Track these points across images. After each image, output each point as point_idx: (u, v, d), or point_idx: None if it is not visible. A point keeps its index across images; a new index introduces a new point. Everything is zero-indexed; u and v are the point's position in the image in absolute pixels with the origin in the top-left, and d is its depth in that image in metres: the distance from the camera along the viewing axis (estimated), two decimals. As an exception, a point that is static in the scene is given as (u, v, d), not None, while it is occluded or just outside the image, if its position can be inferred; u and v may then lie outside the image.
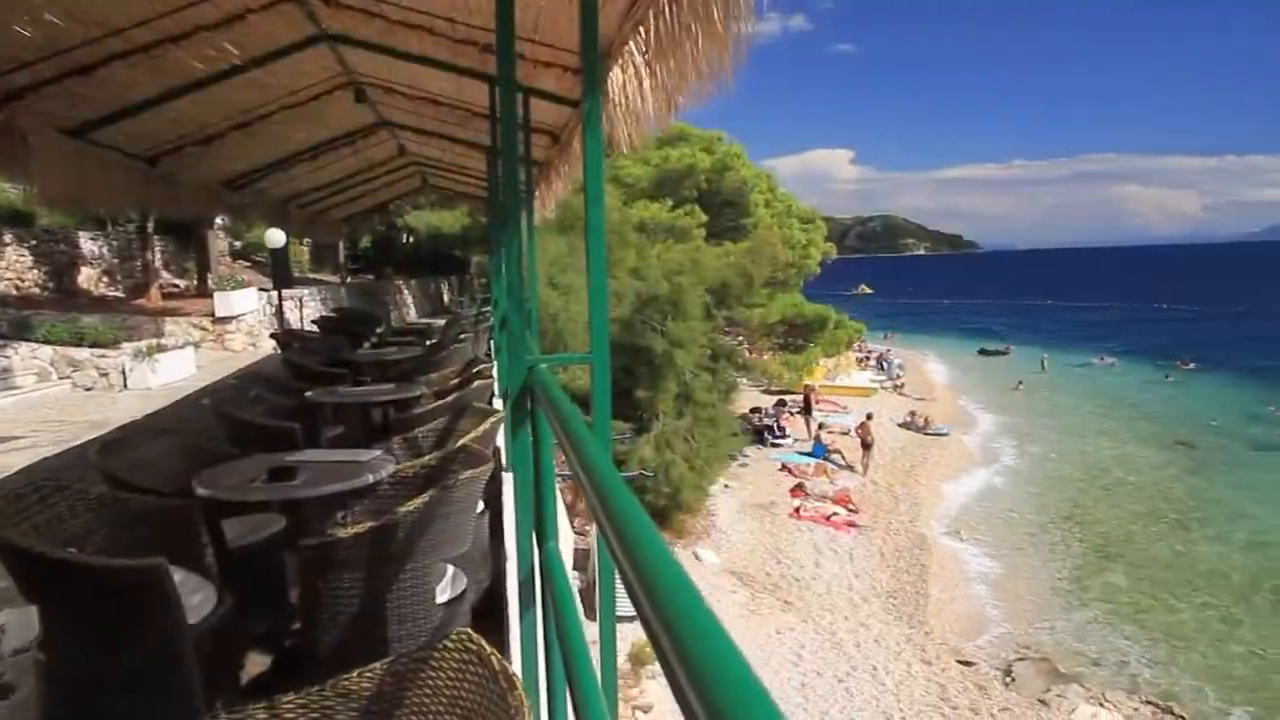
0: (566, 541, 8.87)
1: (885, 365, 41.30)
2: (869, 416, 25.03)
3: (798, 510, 20.17)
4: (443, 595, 2.88)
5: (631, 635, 12.71)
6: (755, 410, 27.76)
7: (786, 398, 28.96)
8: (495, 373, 6.32)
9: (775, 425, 26.55)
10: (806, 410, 27.23)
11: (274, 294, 14.71)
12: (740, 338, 25.85)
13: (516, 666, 2.46)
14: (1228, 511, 21.68)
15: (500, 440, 3.90)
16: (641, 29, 3.22)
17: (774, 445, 25.63)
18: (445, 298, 29.01)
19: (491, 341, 9.58)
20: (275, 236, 13.36)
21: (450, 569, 3.07)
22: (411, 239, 28.20)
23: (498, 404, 5.49)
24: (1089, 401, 36.36)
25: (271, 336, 12.32)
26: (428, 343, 10.23)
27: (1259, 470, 25.29)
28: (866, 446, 23.88)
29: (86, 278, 15.27)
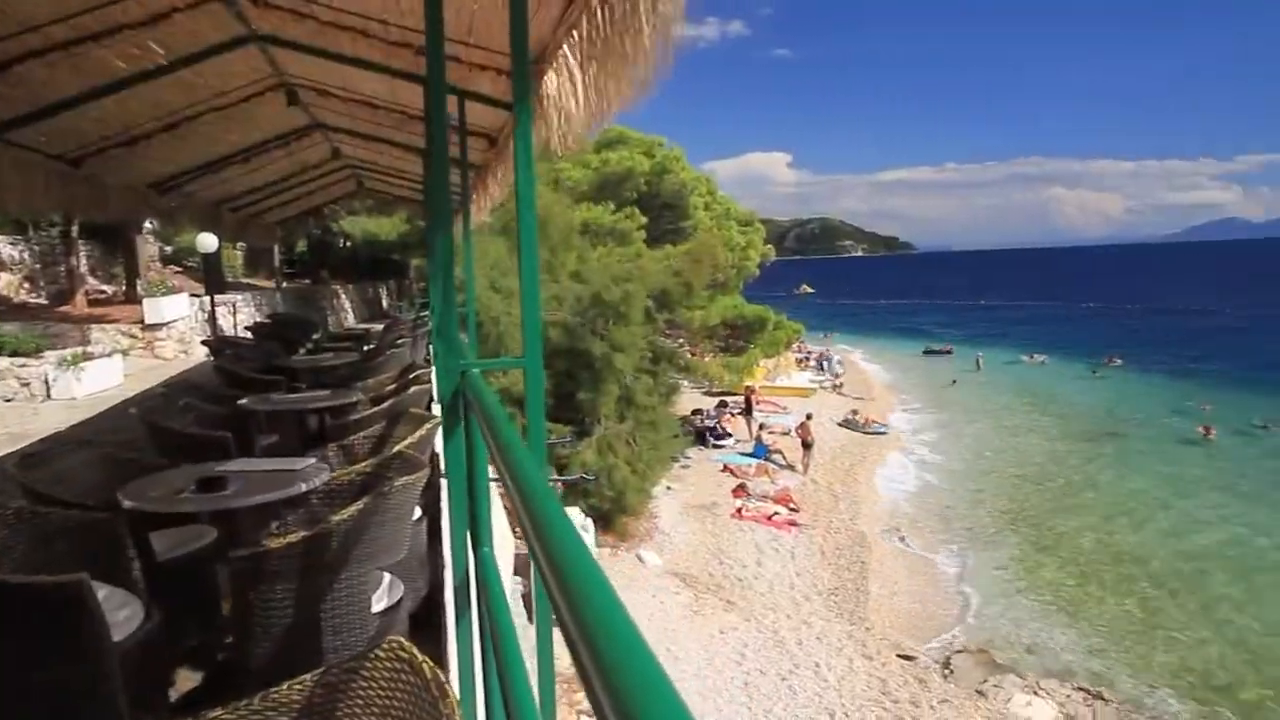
0: (507, 546, 8.82)
1: (824, 365, 41.84)
2: (809, 416, 25.33)
3: (740, 510, 20.31)
4: (379, 603, 2.84)
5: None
6: (697, 412, 27.91)
7: (727, 399, 29.16)
8: (434, 378, 6.27)
9: (717, 426, 26.72)
10: (747, 411, 27.45)
11: (206, 300, 14.36)
12: (681, 340, 25.97)
13: (454, 674, 2.45)
14: (1151, 503, 22.45)
15: (439, 445, 3.87)
16: (575, 32, 3.22)
17: (715, 446, 25.78)
18: (384, 303, 28.64)
19: (430, 346, 9.49)
20: (207, 241, 13.05)
21: (387, 577, 3.04)
22: (349, 244, 27.79)
23: (436, 409, 5.44)
24: (1022, 398, 37.31)
25: (204, 343, 12.03)
26: (365, 348, 10.11)
27: (1179, 463, 26.24)
28: (807, 446, 24.17)
29: (6, 284, 14.76)
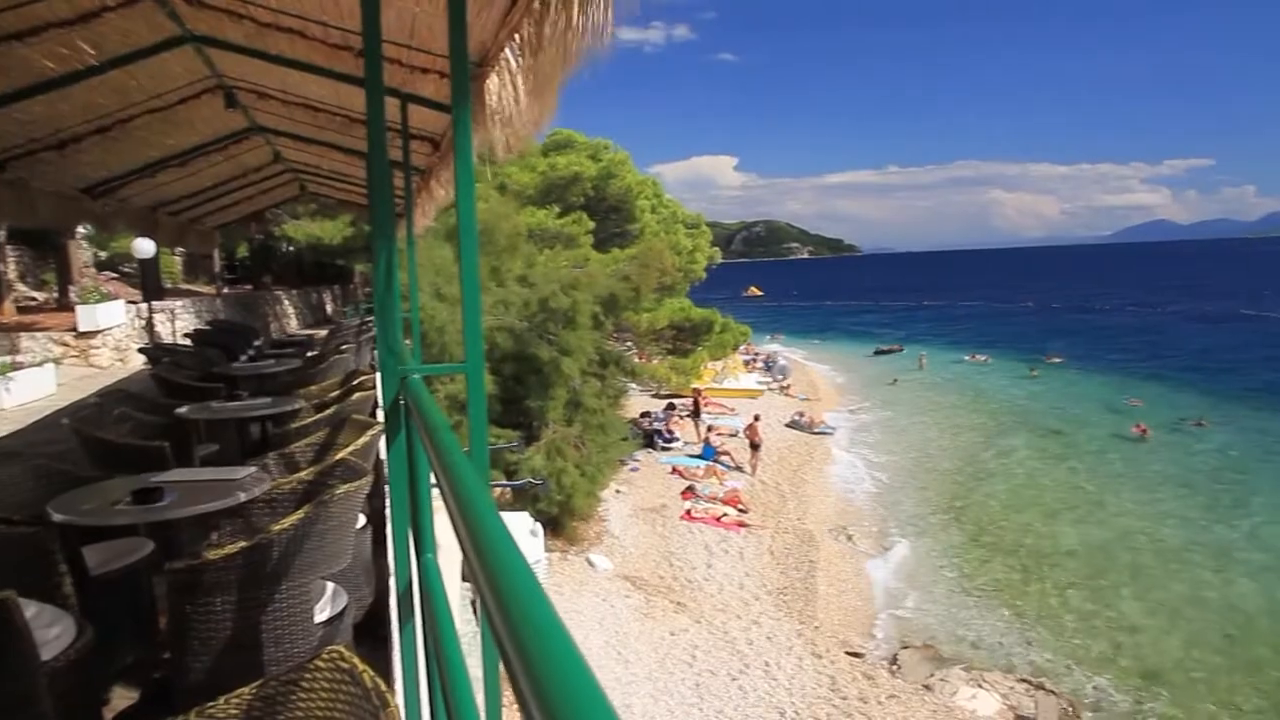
0: (455, 552, 8.74)
1: (771, 367, 42.15)
2: (756, 418, 25.50)
3: (689, 512, 20.37)
4: (322, 613, 2.80)
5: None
6: (645, 414, 27.93)
7: (676, 401, 29.25)
8: (379, 384, 6.19)
9: (665, 429, 26.78)
10: (695, 413, 27.55)
11: (143, 306, 14.01)
12: (629, 343, 25.99)
13: (399, 683, 2.42)
14: (1089, 497, 23.04)
15: (384, 452, 3.82)
16: (517, 36, 3.21)
17: (664, 449, 25.83)
18: (328, 308, 28.21)
19: (375, 352, 9.37)
20: (143, 246, 12.73)
21: (330, 586, 2.99)
22: (292, 248, 27.30)
23: (381, 416, 5.37)
24: (964, 397, 37.99)
25: (140, 351, 11.72)
26: (309, 355, 9.94)
27: (1116, 460, 26.97)
28: (755, 447, 24.33)
29: (-71, 292, 14.23)
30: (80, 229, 15.59)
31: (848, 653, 14.40)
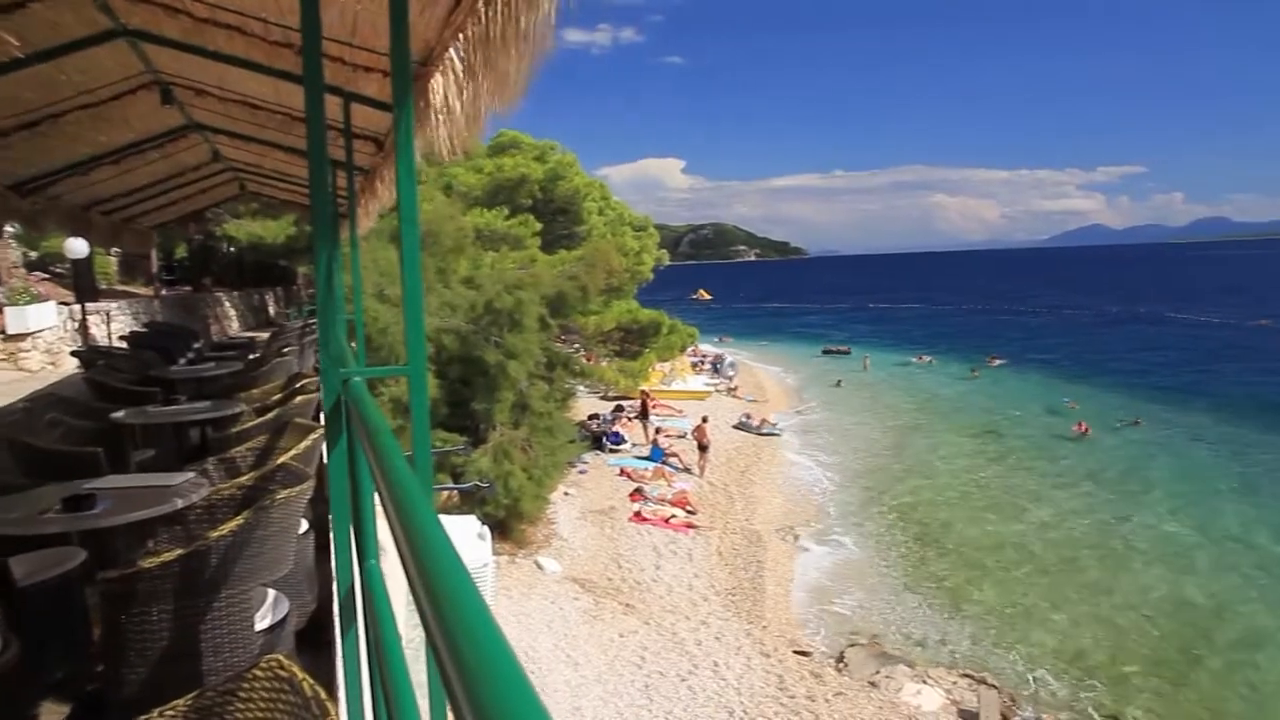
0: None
1: (719, 368, 42.36)
2: (704, 419, 25.59)
3: (637, 514, 20.38)
4: (263, 621, 2.74)
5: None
6: (593, 417, 27.90)
7: (624, 403, 29.24)
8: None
9: (613, 431, 26.77)
10: (643, 415, 27.57)
11: (76, 308, 13.59)
12: (576, 345, 25.94)
13: (342, 691, 2.38)
14: (1029, 495, 23.61)
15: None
16: (461, 35, 3.18)
17: (612, 451, 25.81)
18: (271, 310, 27.68)
19: (318, 354, 9.22)
20: (76, 246, 12.36)
21: (271, 593, 2.94)
22: (233, 249, 26.72)
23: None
24: (908, 397, 38.64)
25: (73, 354, 11.37)
26: (250, 357, 9.75)
27: (1055, 458, 27.71)
28: (703, 449, 24.41)
29: None
30: (8, 228, 15.07)
31: (795, 651, 14.53)
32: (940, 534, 20.65)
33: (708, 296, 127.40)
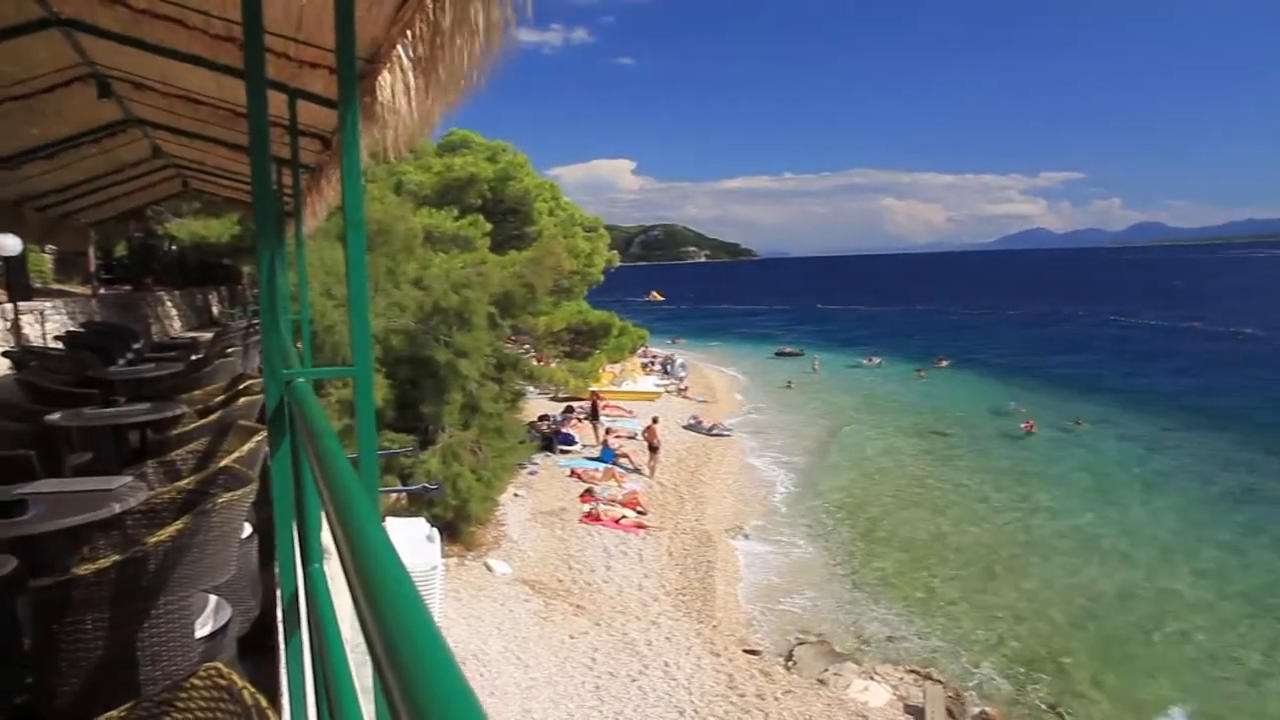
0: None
1: (669, 369, 42.49)
2: (655, 420, 25.66)
3: (588, 515, 20.37)
4: (204, 628, 2.69)
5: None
6: (543, 418, 27.82)
7: (574, 404, 29.19)
8: (265, 388, 5.97)
9: (563, 432, 26.72)
10: (594, 416, 27.57)
11: (8, 307, 13.18)
12: (527, 346, 25.82)
13: (287, 698, 2.34)
14: (975, 494, 24.11)
15: (272, 459, 3.69)
16: (409, 31, 3.15)
17: (563, 452, 25.76)
18: (215, 310, 27.10)
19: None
20: (8, 243, 11.96)
21: (213, 599, 2.87)
22: (175, 248, 26.10)
23: (267, 421, 5.18)
24: (857, 398, 39.20)
25: (4, 355, 11.03)
26: (193, 358, 9.53)
27: (998, 458, 28.34)
28: (653, 449, 24.47)
29: None
30: (-65, 224, 14.59)
31: (745, 650, 14.62)
32: (888, 533, 20.98)
33: (660, 297, 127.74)
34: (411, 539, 13.96)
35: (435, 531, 14.41)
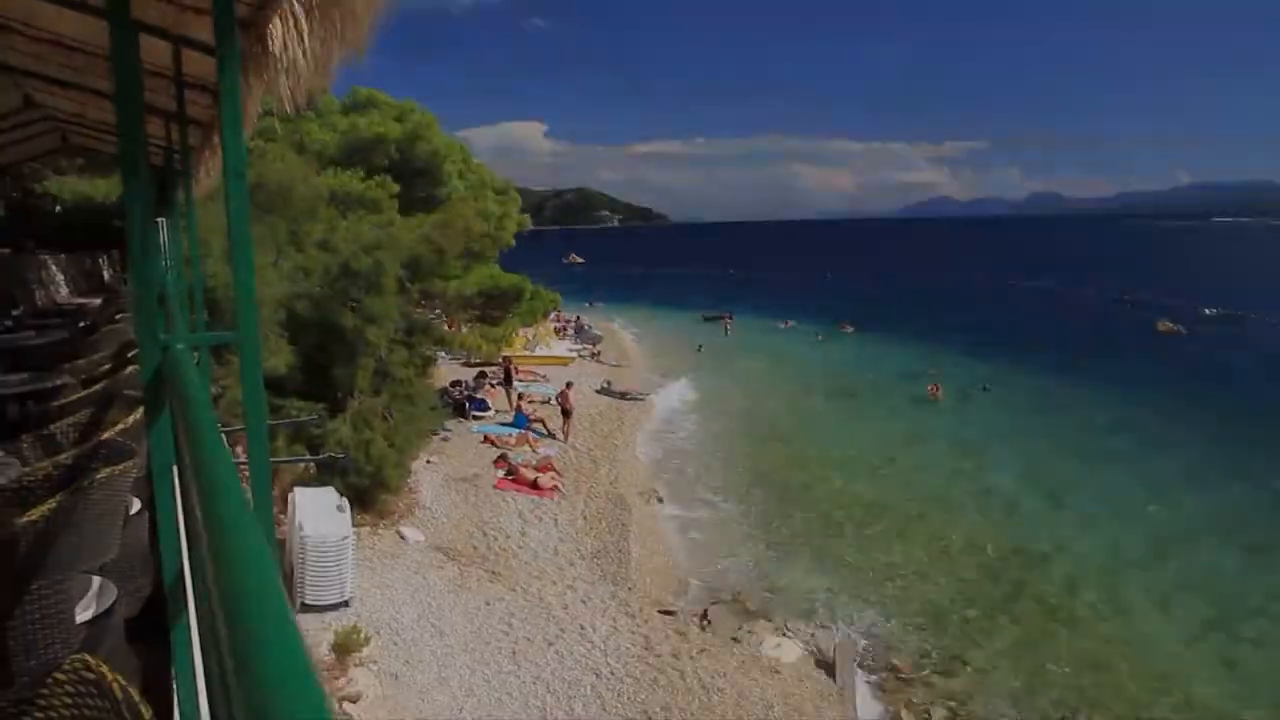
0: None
1: (582, 334, 42.39)
2: (568, 385, 25.59)
3: (502, 480, 20.24)
4: (85, 612, 2.53)
5: (335, 624, 12.20)
6: (456, 384, 27.46)
7: (486, 369, 28.89)
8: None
9: (476, 398, 26.44)
10: (506, 381, 27.32)
11: None
12: (437, 311, 25.35)
13: (175, 680, 2.22)
14: (881, 455, 24.84)
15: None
16: (301, -24, 2.96)
17: (476, 418, 25.50)
18: (106, 275, 25.80)
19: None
20: None
21: (96, 580, 2.71)
22: (60, 208, 24.69)
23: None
24: (767, 361, 39.74)
25: None
26: (79, 325, 9.05)
27: (909, 419, 29.38)
28: (567, 414, 24.42)
29: None
30: None
31: (660, 611, 14.80)
32: (799, 493, 21.43)
33: (580, 260, 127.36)
34: (320, 509, 13.66)
35: (345, 501, 14.14)
